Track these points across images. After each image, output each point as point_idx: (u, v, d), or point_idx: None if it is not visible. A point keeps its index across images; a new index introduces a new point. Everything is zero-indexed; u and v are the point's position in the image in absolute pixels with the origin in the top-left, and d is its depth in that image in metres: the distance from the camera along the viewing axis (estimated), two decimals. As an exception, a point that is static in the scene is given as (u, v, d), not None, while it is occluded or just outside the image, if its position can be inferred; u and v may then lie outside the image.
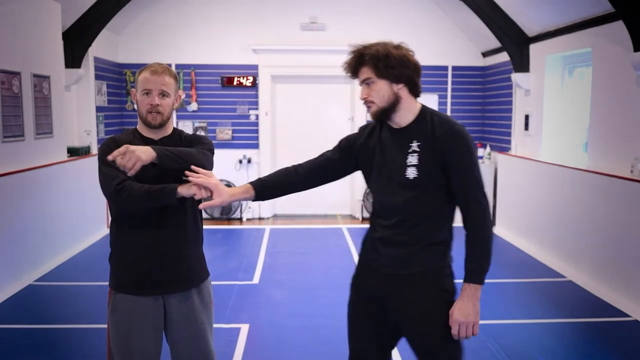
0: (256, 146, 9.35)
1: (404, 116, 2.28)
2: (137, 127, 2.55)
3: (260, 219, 9.43)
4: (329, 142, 2.58)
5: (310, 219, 9.38)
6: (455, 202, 2.29)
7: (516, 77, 7.66)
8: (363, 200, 9.23)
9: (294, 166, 2.51)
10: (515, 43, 7.60)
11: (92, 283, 5.84)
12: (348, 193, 9.57)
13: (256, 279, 5.96)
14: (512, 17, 7.46)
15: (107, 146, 2.43)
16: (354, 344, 2.45)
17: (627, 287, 5.08)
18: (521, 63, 7.61)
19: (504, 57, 8.19)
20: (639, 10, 4.89)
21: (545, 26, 7.03)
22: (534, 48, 7.51)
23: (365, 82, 2.27)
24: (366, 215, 9.25)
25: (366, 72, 2.26)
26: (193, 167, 2.35)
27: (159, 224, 2.46)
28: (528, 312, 4.96)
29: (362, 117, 9.29)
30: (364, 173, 2.43)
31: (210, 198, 2.36)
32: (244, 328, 4.56)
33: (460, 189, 2.23)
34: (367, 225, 2.49)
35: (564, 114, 7.20)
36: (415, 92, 2.28)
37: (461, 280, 2.25)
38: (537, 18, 7.08)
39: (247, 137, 9.34)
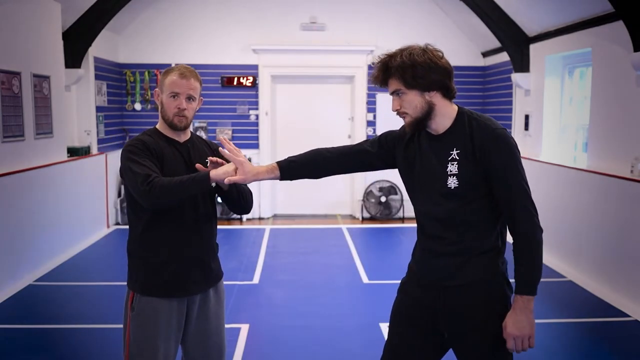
0: (256, 146, 9.35)
1: (441, 122, 2.17)
2: (158, 127, 2.55)
3: (260, 219, 9.43)
4: (329, 142, 2.59)
5: (310, 219, 9.37)
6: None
7: (516, 77, 7.66)
8: (363, 200, 9.22)
9: (326, 149, 2.42)
10: (515, 43, 7.60)
11: (92, 283, 5.84)
12: (348, 193, 9.57)
13: (256, 279, 5.96)
14: (512, 17, 7.47)
15: (135, 147, 2.42)
16: (393, 347, 2.33)
17: (628, 287, 5.09)
18: (521, 63, 7.61)
19: (504, 57, 8.19)
20: (639, 10, 4.89)
21: (545, 26, 7.03)
22: (534, 48, 7.51)
23: (395, 94, 2.16)
24: (366, 215, 9.25)
25: (395, 84, 2.14)
26: (225, 139, 2.39)
27: (187, 225, 2.47)
28: (528, 312, 4.95)
29: (362, 117, 9.30)
30: (403, 179, 2.33)
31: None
32: (244, 328, 4.56)
33: (505, 199, 2.12)
34: (367, 226, 2.47)
35: (564, 114, 7.20)
36: (449, 95, 2.17)
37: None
38: (537, 18, 7.08)
39: (247, 137, 9.34)
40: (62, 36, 7.02)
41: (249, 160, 8.63)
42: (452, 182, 2.14)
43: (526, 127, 7.70)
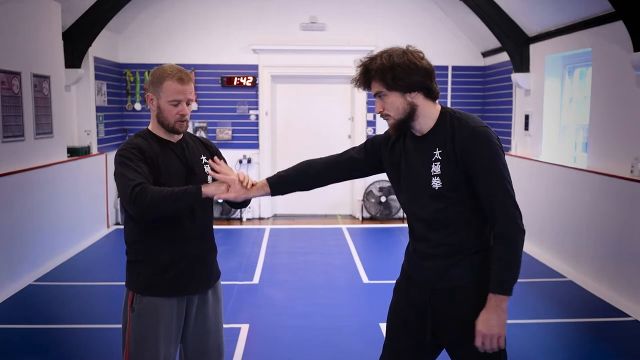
0: (256, 146, 9.35)
1: (424, 123, 2.17)
2: (151, 128, 2.53)
3: (260, 219, 9.43)
4: (329, 142, 2.59)
5: (310, 219, 9.37)
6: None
7: (516, 77, 7.66)
8: (363, 200, 9.22)
9: (314, 160, 2.44)
10: (515, 43, 7.60)
11: (91, 283, 5.84)
12: (348, 193, 9.57)
13: (256, 279, 5.96)
14: (512, 17, 7.46)
15: (129, 151, 2.39)
16: (390, 347, 2.35)
17: (627, 287, 5.09)
18: (521, 63, 7.61)
19: (504, 57, 8.19)
20: (639, 10, 4.89)
21: (545, 26, 7.03)
22: (534, 48, 7.51)
23: (377, 96, 2.17)
24: (366, 215, 9.25)
25: (376, 86, 2.15)
26: (216, 159, 2.43)
27: (188, 225, 2.47)
28: (528, 312, 4.96)
29: (362, 117, 9.30)
30: (390, 181, 2.34)
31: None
32: (244, 328, 4.56)
33: (486, 197, 2.09)
34: (367, 226, 2.48)
35: (564, 114, 7.20)
36: (431, 96, 2.16)
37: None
38: (537, 18, 7.08)
39: (247, 137, 9.34)
40: (62, 36, 7.01)
41: (249, 160, 8.59)
42: (436, 183, 2.13)
43: (526, 127, 7.70)
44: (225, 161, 2.70)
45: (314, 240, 7.86)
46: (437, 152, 2.13)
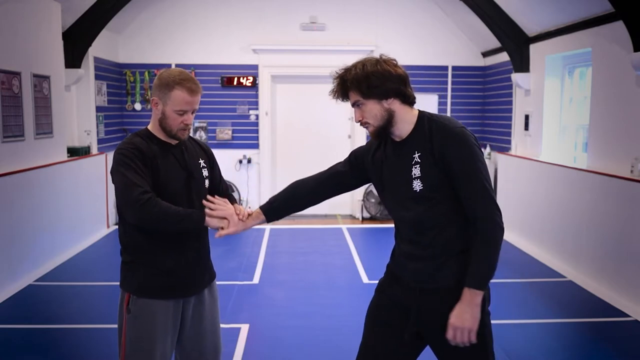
0: (256, 146, 9.35)
1: (403, 128, 2.22)
2: (151, 129, 2.50)
3: (260, 219, 9.41)
4: (329, 142, 2.60)
5: (310, 219, 9.37)
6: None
7: (516, 77, 7.66)
8: (363, 200, 9.22)
9: (302, 181, 2.53)
10: (515, 43, 7.60)
11: (92, 283, 5.83)
12: (348, 193, 9.52)
13: (256, 279, 5.96)
14: (512, 17, 7.47)
15: (130, 152, 2.38)
16: (369, 347, 2.35)
17: (627, 287, 5.09)
18: (521, 63, 7.61)
19: (504, 57, 8.19)
20: (639, 10, 4.90)
21: (545, 26, 7.03)
22: (534, 48, 7.51)
23: (356, 105, 2.24)
24: (366, 215, 9.25)
25: (354, 96, 2.23)
26: (209, 197, 2.48)
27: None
28: (528, 312, 4.96)
29: (362, 117, 9.30)
30: (375, 188, 2.39)
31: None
32: (244, 328, 4.56)
33: (466, 198, 2.13)
34: (367, 226, 2.49)
35: (564, 114, 7.20)
36: (407, 101, 2.21)
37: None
38: (537, 18, 7.08)
39: (247, 137, 9.34)
40: (62, 36, 7.01)
41: (249, 161, 8.63)
42: (417, 185, 2.18)
43: (526, 127, 7.70)
44: (218, 167, 2.72)
45: (314, 240, 7.86)
46: (417, 155, 2.18)
